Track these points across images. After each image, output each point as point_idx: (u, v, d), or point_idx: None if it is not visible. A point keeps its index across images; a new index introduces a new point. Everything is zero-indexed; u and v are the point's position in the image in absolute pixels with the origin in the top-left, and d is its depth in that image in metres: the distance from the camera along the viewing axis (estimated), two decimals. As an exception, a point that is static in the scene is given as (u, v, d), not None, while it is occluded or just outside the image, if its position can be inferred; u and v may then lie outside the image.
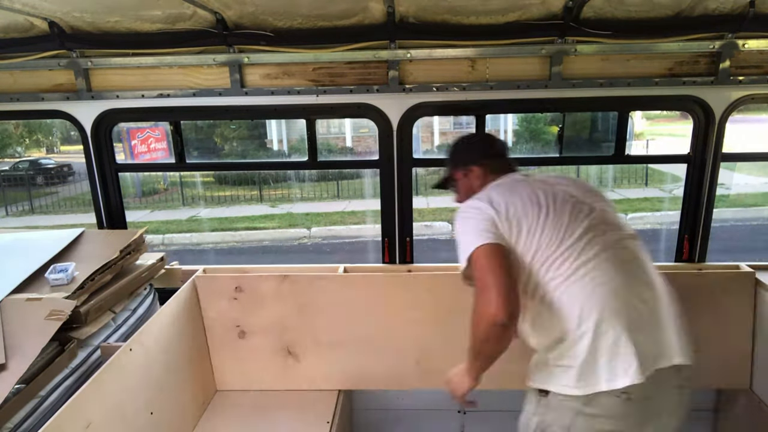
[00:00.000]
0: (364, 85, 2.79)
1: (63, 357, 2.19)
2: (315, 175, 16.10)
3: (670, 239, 3.54)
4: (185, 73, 2.83)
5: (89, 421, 1.89)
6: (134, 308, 2.74)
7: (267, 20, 2.55)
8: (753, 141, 9.48)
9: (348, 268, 3.06)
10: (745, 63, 2.68)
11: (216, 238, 12.65)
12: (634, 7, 2.44)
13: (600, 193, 2.01)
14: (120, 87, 2.87)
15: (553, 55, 2.66)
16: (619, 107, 2.88)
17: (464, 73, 2.76)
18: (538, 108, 3.05)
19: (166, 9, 2.43)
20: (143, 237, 2.89)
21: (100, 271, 2.51)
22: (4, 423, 1.86)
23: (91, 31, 2.63)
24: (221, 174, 16.47)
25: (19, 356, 1.96)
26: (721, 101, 2.74)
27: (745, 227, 11.46)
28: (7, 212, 15.65)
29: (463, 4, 2.42)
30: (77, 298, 2.31)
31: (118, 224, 3.16)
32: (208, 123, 17.10)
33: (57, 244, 2.69)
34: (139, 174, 16.00)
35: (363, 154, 19.65)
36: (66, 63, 2.79)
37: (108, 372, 2.05)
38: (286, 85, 2.82)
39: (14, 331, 2.08)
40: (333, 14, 2.50)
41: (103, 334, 2.47)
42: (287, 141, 20.56)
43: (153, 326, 2.45)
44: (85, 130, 2.96)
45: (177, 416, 2.60)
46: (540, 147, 18.34)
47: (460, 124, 20.73)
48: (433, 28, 2.58)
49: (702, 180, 2.90)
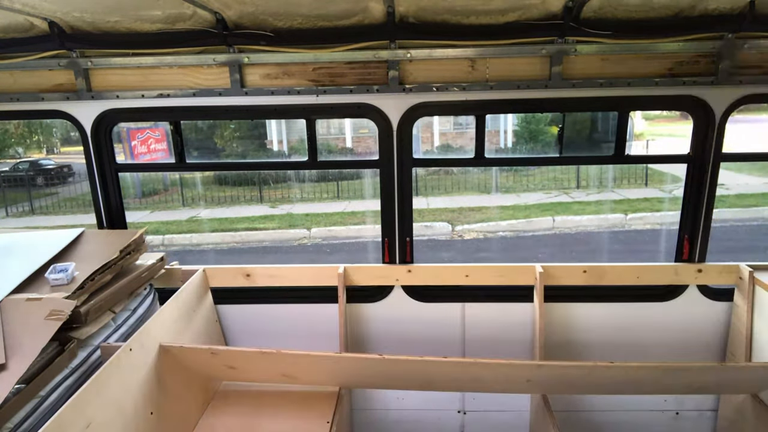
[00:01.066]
0: (364, 85, 2.79)
1: (63, 357, 2.18)
2: (315, 176, 16.10)
3: (670, 239, 3.54)
4: (185, 73, 2.83)
5: (89, 421, 1.89)
6: (134, 308, 2.74)
7: (267, 20, 2.55)
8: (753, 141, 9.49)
9: (348, 269, 3.06)
10: (745, 63, 2.68)
11: (216, 239, 12.64)
12: (634, 7, 2.44)
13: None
14: (120, 87, 2.87)
15: (553, 55, 2.66)
16: (619, 107, 2.88)
17: (464, 73, 2.76)
18: (538, 108, 3.05)
19: (166, 9, 2.43)
20: (143, 237, 2.89)
21: (100, 271, 2.51)
22: (5, 423, 1.86)
23: (91, 31, 2.63)
24: (221, 174, 16.48)
25: (19, 356, 1.96)
26: (721, 101, 2.75)
27: (746, 227, 11.46)
28: (8, 213, 15.65)
29: (463, 4, 2.42)
30: (77, 298, 2.31)
31: (118, 224, 3.16)
32: (208, 123, 17.11)
33: (57, 244, 2.69)
34: (139, 174, 16.01)
35: (363, 154, 19.64)
36: (66, 63, 2.79)
37: (108, 372, 2.05)
38: (286, 85, 2.82)
39: (14, 330, 2.08)
40: (333, 14, 2.50)
41: (103, 334, 2.47)
42: (287, 141, 20.56)
43: (153, 326, 2.45)
44: (85, 131, 2.96)
45: (177, 416, 2.60)
46: (540, 147, 18.35)
47: (460, 125, 20.75)
48: (433, 28, 2.59)
49: (702, 180, 2.90)
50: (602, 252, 10.98)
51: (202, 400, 2.87)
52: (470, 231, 12.16)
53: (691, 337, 3.13)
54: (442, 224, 12.41)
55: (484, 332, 3.22)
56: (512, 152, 19.73)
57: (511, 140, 19.59)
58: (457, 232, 12.13)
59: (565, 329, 3.17)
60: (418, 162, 3.07)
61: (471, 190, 15.47)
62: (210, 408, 2.89)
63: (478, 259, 10.12)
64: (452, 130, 21.15)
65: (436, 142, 21.10)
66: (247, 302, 3.16)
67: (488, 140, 4.13)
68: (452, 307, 3.16)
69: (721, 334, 3.09)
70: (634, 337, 3.17)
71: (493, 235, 11.87)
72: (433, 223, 12.43)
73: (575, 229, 12.04)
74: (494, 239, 11.66)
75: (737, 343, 2.97)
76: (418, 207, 11.73)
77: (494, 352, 3.23)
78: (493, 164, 13.15)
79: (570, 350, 3.19)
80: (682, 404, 3.03)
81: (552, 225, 12.19)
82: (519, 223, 12.31)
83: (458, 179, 15.80)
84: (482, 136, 2.97)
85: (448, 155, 18.92)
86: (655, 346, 3.16)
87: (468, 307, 3.19)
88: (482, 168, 14.85)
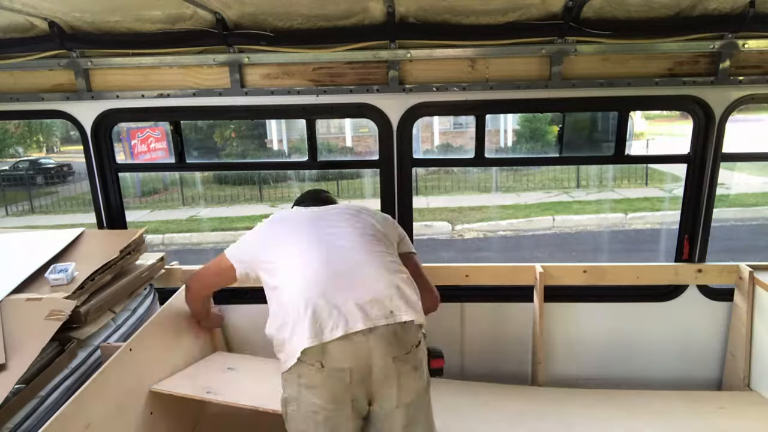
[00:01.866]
0: (364, 85, 2.79)
1: (63, 357, 2.19)
2: (315, 175, 16.05)
3: (670, 239, 3.54)
4: (185, 73, 2.83)
5: (89, 421, 1.89)
6: (134, 308, 2.74)
7: (267, 20, 2.55)
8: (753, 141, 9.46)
9: None
10: (745, 63, 2.68)
11: (216, 238, 12.63)
12: (634, 7, 2.44)
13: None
14: (120, 87, 2.86)
15: (553, 55, 2.66)
16: (619, 107, 2.88)
17: (464, 73, 2.76)
18: (538, 108, 3.05)
19: (166, 9, 2.43)
20: (143, 237, 2.89)
21: (100, 271, 2.51)
22: (5, 423, 1.86)
23: (91, 31, 2.63)
24: (221, 174, 16.48)
25: (19, 356, 1.96)
26: (721, 101, 2.74)
27: (746, 227, 11.46)
28: (7, 212, 15.65)
29: (463, 4, 2.42)
30: (77, 298, 2.31)
31: (118, 224, 3.16)
32: (208, 123, 17.11)
33: (57, 244, 2.69)
34: (139, 174, 15.99)
35: (363, 153, 19.64)
36: (66, 63, 2.78)
37: (108, 372, 2.05)
38: (286, 85, 2.82)
39: (14, 331, 2.08)
40: (333, 14, 2.50)
41: (103, 334, 2.47)
42: (287, 141, 20.55)
43: (153, 326, 2.45)
44: (85, 130, 2.95)
45: (177, 416, 2.60)
46: (540, 147, 18.35)
47: (460, 124, 20.74)
48: (433, 28, 2.58)
49: (702, 180, 2.90)
50: (602, 251, 10.99)
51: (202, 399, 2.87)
52: (470, 230, 12.17)
53: (691, 337, 3.13)
54: (442, 224, 12.41)
55: (483, 332, 3.22)
56: (512, 151, 19.74)
57: (511, 139, 19.59)
58: (457, 232, 12.14)
59: (565, 329, 3.17)
60: (418, 162, 3.07)
61: (471, 190, 15.47)
62: (210, 407, 2.89)
63: (478, 259, 10.13)
64: (452, 130, 21.15)
65: (436, 142, 21.11)
66: (247, 302, 3.16)
67: (488, 139, 4.13)
68: (452, 307, 3.16)
69: (721, 334, 3.09)
70: (634, 337, 3.17)
71: (493, 235, 11.88)
72: (433, 223, 12.43)
73: (575, 229, 12.04)
74: (494, 239, 11.67)
75: (737, 343, 2.98)
76: (418, 206, 11.71)
77: (494, 353, 3.23)
78: (493, 164, 13.20)
79: (570, 350, 3.20)
80: None
81: (552, 224, 12.20)
82: (519, 223, 12.31)
83: (458, 178, 15.80)
84: (482, 136, 2.97)
85: (448, 155, 18.93)
86: (655, 346, 3.16)
87: (467, 307, 3.19)
88: (482, 167, 14.84)
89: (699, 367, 3.14)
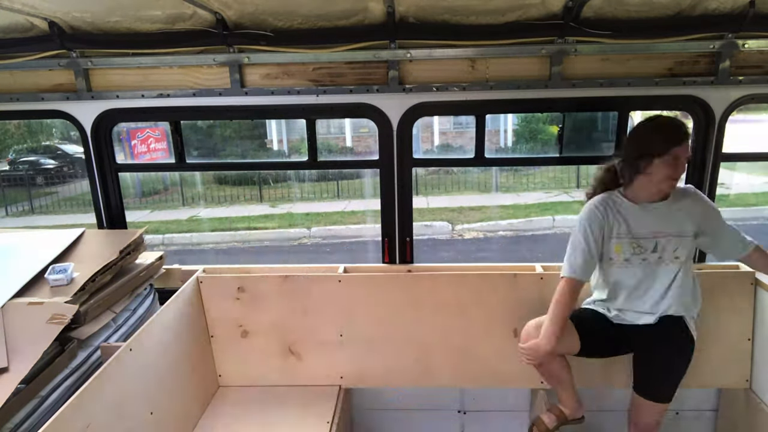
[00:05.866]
0: (364, 85, 2.79)
1: (63, 357, 2.19)
2: (315, 175, 16.06)
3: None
4: (185, 73, 2.83)
5: (89, 421, 1.89)
6: (134, 308, 2.74)
7: (267, 20, 2.55)
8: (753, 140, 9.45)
9: (348, 268, 3.06)
10: (745, 63, 2.68)
11: (216, 238, 12.63)
12: (634, 7, 2.44)
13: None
14: (120, 87, 2.87)
15: (553, 55, 2.66)
16: (619, 107, 2.88)
17: (464, 73, 2.76)
18: (538, 108, 3.06)
19: (166, 9, 2.43)
20: (142, 237, 2.89)
21: (101, 271, 2.51)
22: (5, 423, 1.87)
23: (91, 31, 2.63)
24: (221, 174, 16.47)
25: (20, 359, 1.97)
26: (721, 101, 2.74)
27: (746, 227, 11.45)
28: (7, 212, 15.64)
29: (463, 4, 2.42)
30: (78, 301, 2.31)
31: (118, 224, 3.16)
32: (208, 123, 17.10)
33: (58, 246, 2.69)
34: (140, 174, 15.98)
35: (363, 153, 19.63)
36: (66, 63, 2.78)
37: (108, 372, 2.05)
38: (286, 85, 2.82)
39: (16, 334, 2.08)
40: (333, 14, 2.50)
41: (103, 334, 2.48)
42: (287, 141, 20.54)
43: (153, 326, 2.45)
44: (85, 130, 2.96)
45: (177, 415, 2.60)
46: (540, 147, 18.33)
47: (460, 124, 20.71)
48: (433, 28, 2.58)
49: (702, 180, 2.90)
50: (602, 251, 10.95)
51: (202, 400, 2.88)
52: (470, 230, 12.16)
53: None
54: (442, 224, 12.40)
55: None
56: (512, 151, 19.70)
57: (511, 139, 19.56)
58: (457, 232, 12.13)
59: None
60: (418, 162, 3.07)
61: (471, 190, 15.46)
62: (210, 408, 2.89)
63: (478, 259, 10.12)
64: (452, 130, 21.12)
65: (436, 141, 21.08)
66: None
67: (488, 139, 4.13)
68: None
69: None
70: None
71: (493, 235, 11.87)
72: (433, 223, 12.42)
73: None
74: (494, 238, 11.66)
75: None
76: (418, 206, 11.71)
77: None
78: (493, 164, 13.20)
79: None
80: (682, 404, 3.02)
81: (552, 224, 12.19)
82: (519, 223, 12.30)
83: (458, 178, 15.78)
84: (482, 136, 2.97)
85: (448, 154, 18.91)
86: None
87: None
88: (482, 167, 14.84)
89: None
